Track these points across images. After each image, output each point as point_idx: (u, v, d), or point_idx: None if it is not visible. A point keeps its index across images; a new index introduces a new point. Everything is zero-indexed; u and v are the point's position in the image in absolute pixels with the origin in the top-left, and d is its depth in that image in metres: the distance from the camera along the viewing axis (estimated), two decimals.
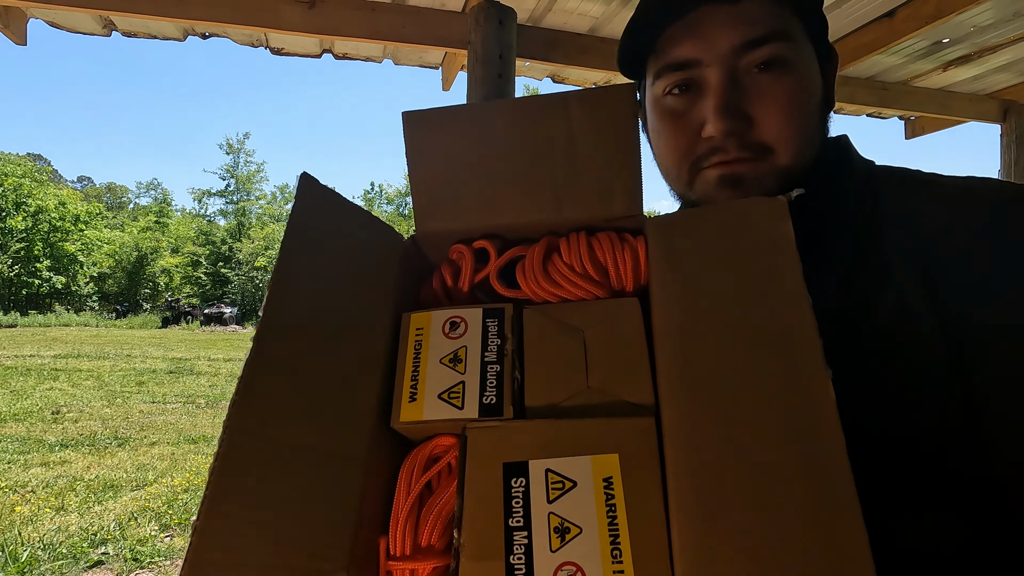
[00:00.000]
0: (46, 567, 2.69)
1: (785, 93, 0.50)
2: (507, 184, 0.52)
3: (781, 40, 0.50)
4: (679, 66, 0.53)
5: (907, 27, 2.46)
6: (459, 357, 0.46)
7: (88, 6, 2.20)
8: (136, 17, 2.29)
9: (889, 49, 2.72)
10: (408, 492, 0.45)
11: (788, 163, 0.51)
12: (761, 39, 0.50)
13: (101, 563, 2.79)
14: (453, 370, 0.46)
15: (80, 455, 5.05)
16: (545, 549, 0.37)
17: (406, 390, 0.46)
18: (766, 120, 0.50)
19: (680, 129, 0.54)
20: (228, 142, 31.98)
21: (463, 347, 0.47)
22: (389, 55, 2.89)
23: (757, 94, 0.50)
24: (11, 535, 3.06)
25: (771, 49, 0.50)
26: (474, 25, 2.35)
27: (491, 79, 2.31)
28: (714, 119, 0.50)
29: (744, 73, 0.51)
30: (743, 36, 0.50)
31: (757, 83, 0.51)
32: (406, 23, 2.42)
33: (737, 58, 0.51)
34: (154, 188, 49.64)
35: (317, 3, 2.33)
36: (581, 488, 0.39)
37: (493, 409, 0.43)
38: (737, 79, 0.51)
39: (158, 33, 2.62)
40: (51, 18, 2.47)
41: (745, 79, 0.51)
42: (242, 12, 2.29)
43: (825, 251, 0.51)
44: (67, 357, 11.60)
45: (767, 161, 0.51)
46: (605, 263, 0.49)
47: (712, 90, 0.51)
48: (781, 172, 0.51)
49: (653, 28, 0.54)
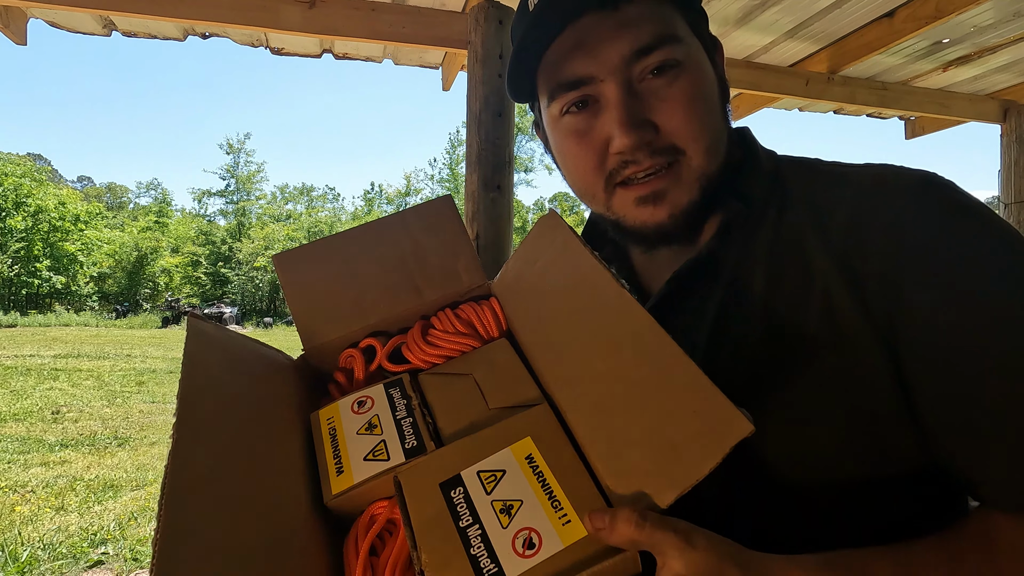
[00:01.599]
0: (46, 567, 2.69)
1: (684, 93, 0.50)
2: (375, 289, 0.62)
3: (669, 43, 0.50)
4: (573, 84, 0.52)
5: (907, 27, 2.46)
6: (373, 424, 0.53)
7: (88, 6, 2.20)
8: (136, 17, 2.29)
9: (889, 49, 2.72)
10: (356, 554, 0.46)
11: (702, 163, 0.51)
12: (649, 46, 0.49)
13: (101, 563, 2.79)
14: (371, 435, 0.52)
15: (80, 455, 5.05)
16: (498, 529, 0.43)
17: (331, 467, 0.51)
18: (671, 123, 0.50)
19: (586, 147, 0.53)
20: (228, 142, 31.98)
21: (375, 415, 0.54)
22: (389, 55, 2.90)
23: (656, 100, 0.50)
24: (11, 535, 3.06)
25: (662, 54, 0.50)
26: (474, 25, 2.35)
27: (491, 79, 2.31)
28: (620, 133, 0.50)
29: (639, 81, 0.50)
30: (631, 45, 0.49)
31: (654, 89, 0.50)
32: (406, 23, 2.42)
33: (629, 68, 0.50)
34: (154, 188, 49.63)
35: (317, 3, 2.33)
36: (510, 472, 0.46)
37: (417, 450, 0.50)
38: (633, 88, 0.50)
39: (158, 33, 2.62)
40: (51, 18, 2.47)
41: (641, 87, 0.50)
42: (242, 12, 2.29)
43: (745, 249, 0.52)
44: (67, 357, 11.60)
45: (681, 164, 0.51)
46: (471, 320, 0.60)
47: (612, 104, 0.50)
48: (698, 175, 0.52)
49: (539, 44, 0.52)
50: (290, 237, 27.10)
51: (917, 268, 0.44)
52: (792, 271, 0.49)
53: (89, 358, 11.56)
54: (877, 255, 0.45)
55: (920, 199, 0.46)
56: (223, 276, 27.21)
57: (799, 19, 2.58)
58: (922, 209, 0.45)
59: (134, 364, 10.99)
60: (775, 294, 0.49)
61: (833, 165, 0.54)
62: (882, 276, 0.45)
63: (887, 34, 2.55)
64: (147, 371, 10.19)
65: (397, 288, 0.62)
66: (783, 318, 0.48)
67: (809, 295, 0.47)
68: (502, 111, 2.31)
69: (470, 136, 2.36)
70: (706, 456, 0.39)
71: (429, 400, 0.55)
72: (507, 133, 2.35)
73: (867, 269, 0.46)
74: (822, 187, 0.51)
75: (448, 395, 0.55)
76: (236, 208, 31.23)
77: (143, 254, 27.06)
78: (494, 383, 0.55)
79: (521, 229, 30.34)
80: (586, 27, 0.50)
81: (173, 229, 32.06)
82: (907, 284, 0.44)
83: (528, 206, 38.58)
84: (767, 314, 0.49)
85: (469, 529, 0.43)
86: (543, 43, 0.52)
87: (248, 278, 26.30)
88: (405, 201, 34.75)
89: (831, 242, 0.48)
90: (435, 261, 0.63)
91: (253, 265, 26.29)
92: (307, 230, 27.84)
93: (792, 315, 0.48)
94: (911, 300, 0.43)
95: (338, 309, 0.61)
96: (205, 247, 28.67)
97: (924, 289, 0.43)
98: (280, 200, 34.77)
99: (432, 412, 0.54)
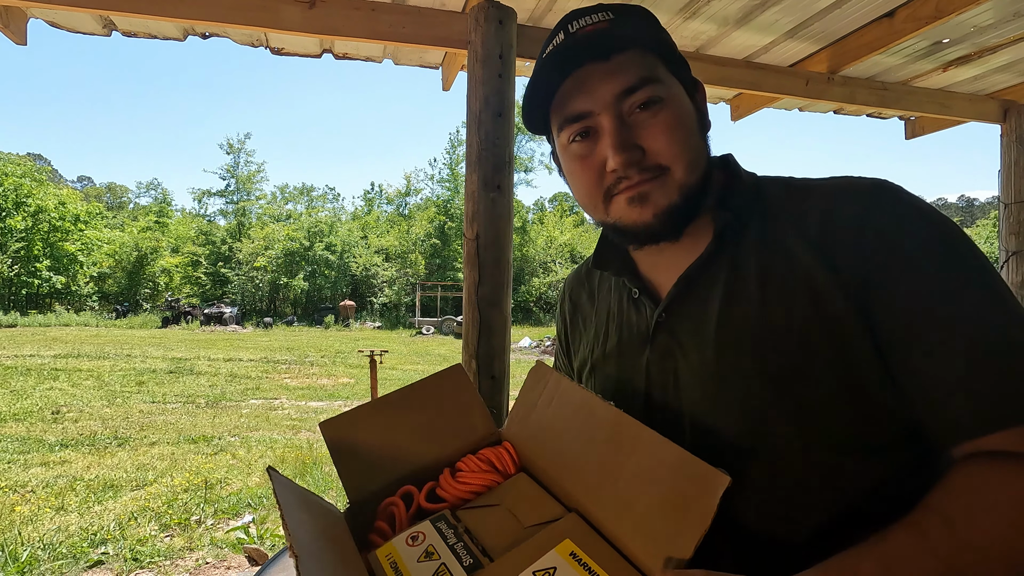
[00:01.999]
0: (46, 567, 2.70)
1: (665, 122, 0.62)
2: (407, 446, 0.76)
3: (651, 83, 0.63)
4: (576, 118, 0.65)
5: (907, 27, 2.46)
6: (430, 551, 0.62)
7: (88, 6, 2.20)
8: (136, 17, 2.29)
9: (889, 49, 2.72)
10: None
11: (683, 176, 0.63)
12: (635, 86, 0.62)
13: (101, 563, 2.79)
14: (431, 561, 0.61)
15: (80, 455, 5.05)
16: None
17: None
18: (655, 145, 0.62)
19: (588, 168, 0.66)
20: (228, 142, 31.92)
21: (429, 544, 0.63)
22: (389, 55, 2.89)
23: (643, 128, 0.63)
24: (11, 535, 3.06)
25: (646, 92, 0.62)
26: (474, 25, 2.35)
27: (491, 79, 2.31)
28: (613, 154, 0.62)
29: (628, 114, 0.63)
30: (621, 86, 0.62)
31: (640, 120, 0.63)
32: (406, 23, 2.42)
33: (620, 103, 0.63)
34: (154, 188, 49.62)
35: (317, 3, 2.33)
36: (561, 568, 0.55)
37: (475, 566, 0.59)
38: (624, 120, 0.63)
39: (158, 33, 2.62)
40: (51, 18, 2.47)
41: (630, 119, 0.63)
42: (242, 12, 2.29)
43: (737, 249, 0.65)
44: (67, 357, 11.60)
45: (666, 177, 0.63)
46: (491, 459, 0.73)
47: (606, 132, 0.63)
48: (680, 185, 0.63)
49: (549, 88, 0.67)
50: (290, 237, 27.04)
51: (878, 250, 0.56)
52: (779, 264, 0.61)
53: (89, 358, 11.56)
54: (846, 244, 0.57)
55: (875, 199, 0.58)
56: (223, 276, 27.16)
57: (799, 19, 2.58)
58: (877, 206, 0.58)
59: (134, 364, 10.99)
60: (767, 283, 0.61)
61: (802, 180, 0.67)
62: (852, 260, 0.57)
63: (887, 34, 2.55)
64: (147, 371, 10.19)
65: (426, 443, 0.76)
66: (776, 302, 0.60)
67: (796, 281, 0.59)
68: (502, 111, 2.31)
69: (470, 136, 2.36)
70: (705, 508, 0.50)
71: (470, 528, 0.65)
72: (507, 133, 2.34)
73: (840, 256, 0.57)
74: (795, 198, 0.64)
75: (486, 522, 0.65)
76: (236, 208, 31.18)
77: (143, 254, 27.03)
78: (523, 507, 0.65)
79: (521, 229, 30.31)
80: (585, 73, 0.64)
81: (173, 229, 32.02)
82: (872, 263, 0.56)
83: (528, 206, 38.57)
84: (763, 298, 0.60)
85: None
86: (553, 87, 0.66)
87: (248, 278, 26.27)
88: (405, 201, 34.67)
89: (809, 239, 0.60)
90: (454, 417, 0.79)
91: (253, 265, 26.25)
92: (307, 230, 27.77)
93: (783, 298, 0.59)
94: (878, 275, 0.55)
95: (376, 466, 0.74)
96: (205, 247, 28.62)
97: (886, 266, 0.55)
98: (280, 200, 34.74)
99: (477, 536, 0.64)
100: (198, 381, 9.41)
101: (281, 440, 5.66)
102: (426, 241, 27.89)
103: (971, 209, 76.21)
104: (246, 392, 8.57)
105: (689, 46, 2.82)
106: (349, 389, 8.96)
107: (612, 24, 0.64)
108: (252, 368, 10.97)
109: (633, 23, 0.66)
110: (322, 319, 23.40)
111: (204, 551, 2.92)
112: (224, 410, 7.25)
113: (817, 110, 3.58)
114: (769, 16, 2.53)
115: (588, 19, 0.65)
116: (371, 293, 26.96)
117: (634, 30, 0.65)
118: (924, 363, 0.52)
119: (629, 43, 0.63)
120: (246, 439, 5.71)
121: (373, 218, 33.65)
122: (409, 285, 26.40)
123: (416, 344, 16.92)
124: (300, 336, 18.76)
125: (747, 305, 0.61)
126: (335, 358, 12.83)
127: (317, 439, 5.74)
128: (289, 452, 5.06)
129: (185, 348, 13.90)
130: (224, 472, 4.46)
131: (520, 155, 32.98)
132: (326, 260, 27.07)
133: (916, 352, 0.53)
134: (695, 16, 2.53)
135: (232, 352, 13.29)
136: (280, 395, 8.42)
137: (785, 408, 0.57)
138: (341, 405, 7.72)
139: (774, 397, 0.57)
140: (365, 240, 29.56)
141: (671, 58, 0.66)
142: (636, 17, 0.67)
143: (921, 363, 0.53)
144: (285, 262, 26.54)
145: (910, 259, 0.55)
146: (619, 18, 0.65)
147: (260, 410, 7.28)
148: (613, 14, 0.65)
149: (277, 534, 3.05)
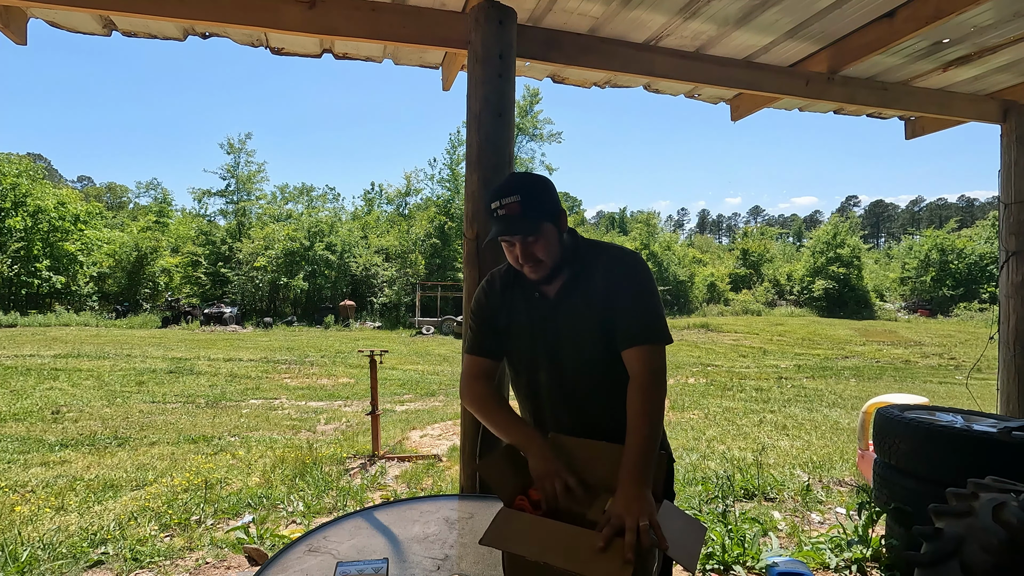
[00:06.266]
0: (46, 567, 2.69)
1: (541, 247, 1.31)
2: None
3: (535, 234, 1.29)
4: (509, 243, 1.32)
5: (907, 27, 2.45)
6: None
7: (88, 6, 2.20)
8: (136, 17, 2.29)
9: (889, 49, 2.72)
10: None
11: (549, 262, 1.33)
12: (528, 240, 1.30)
13: (101, 563, 2.79)
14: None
15: (80, 455, 5.05)
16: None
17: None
18: (537, 254, 1.31)
19: (512, 256, 1.35)
20: (229, 142, 31.83)
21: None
22: (389, 55, 2.89)
23: (532, 249, 1.31)
24: (11, 535, 3.06)
25: (534, 238, 1.30)
26: (474, 25, 2.35)
27: (491, 79, 2.30)
28: (521, 258, 1.33)
29: (525, 245, 1.31)
30: (523, 238, 1.29)
31: (530, 249, 1.31)
32: (406, 23, 2.42)
33: (523, 241, 1.30)
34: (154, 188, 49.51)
35: (317, 3, 2.32)
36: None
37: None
38: (526, 247, 1.31)
39: (158, 33, 2.62)
40: (51, 18, 2.47)
41: (523, 252, 1.31)
42: (242, 12, 2.29)
43: (576, 287, 1.37)
44: (67, 357, 11.59)
45: (545, 263, 1.33)
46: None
47: (518, 249, 1.32)
48: (549, 265, 1.33)
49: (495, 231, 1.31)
50: (290, 237, 27.00)
51: (618, 285, 1.33)
52: (591, 287, 1.35)
53: (89, 358, 11.56)
54: (609, 282, 1.34)
55: (621, 260, 1.37)
56: (223, 276, 27.10)
57: (799, 19, 2.57)
58: (621, 263, 1.36)
59: (134, 364, 10.99)
60: (587, 295, 1.35)
61: (597, 243, 1.42)
62: (610, 289, 1.33)
63: (887, 34, 2.55)
64: (147, 371, 10.19)
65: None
66: (592, 304, 1.34)
67: (597, 295, 1.34)
68: (502, 111, 2.31)
69: (470, 136, 2.36)
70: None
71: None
72: (507, 133, 2.34)
73: (609, 287, 1.33)
74: (596, 255, 1.38)
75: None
76: (236, 208, 31.14)
77: (143, 254, 26.96)
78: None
79: None
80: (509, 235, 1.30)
81: (173, 229, 31.96)
82: (616, 290, 1.33)
83: None
84: (587, 301, 1.35)
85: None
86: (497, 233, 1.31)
87: (248, 278, 26.22)
88: (405, 201, 34.64)
89: (598, 278, 1.35)
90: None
91: (253, 265, 26.21)
92: (307, 230, 27.72)
93: (594, 301, 1.34)
94: (616, 296, 1.32)
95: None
96: (205, 247, 28.55)
97: (619, 292, 1.33)
98: (280, 200, 34.70)
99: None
100: (198, 381, 9.41)
101: (281, 440, 5.66)
102: (426, 241, 27.84)
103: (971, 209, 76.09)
104: (246, 392, 8.57)
105: (689, 46, 2.82)
106: (349, 389, 8.96)
107: (522, 207, 1.27)
108: (252, 368, 10.97)
109: (535, 204, 1.29)
110: (322, 319, 23.38)
111: (204, 551, 2.92)
112: (224, 410, 7.24)
113: (817, 110, 3.57)
114: (769, 16, 2.53)
115: (506, 200, 1.27)
116: (371, 293, 26.91)
117: (536, 211, 1.28)
118: (621, 323, 1.31)
119: (531, 229, 1.28)
120: (246, 439, 5.71)
121: (373, 218, 33.59)
122: (409, 285, 26.34)
123: (416, 344, 16.91)
124: (300, 336, 18.74)
125: (582, 305, 1.35)
126: (335, 358, 12.83)
127: (317, 439, 5.75)
128: (289, 452, 5.06)
129: (185, 348, 13.89)
130: (224, 472, 4.46)
131: (520, 155, 32.96)
132: (326, 260, 27.01)
133: (620, 321, 1.31)
134: (695, 16, 2.53)
135: (232, 352, 13.28)
136: (280, 395, 8.42)
137: (597, 344, 1.34)
138: (341, 405, 7.71)
139: (595, 340, 1.34)
140: (365, 240, 29.49)
141: (549, 212, 1.31)
142: (536, 193, 1.31)
143: (620, 323, 1.31)
144: (285, 262, 26.48)
145: (628, 290, 1.33)
146: (525, 200, 1.27)
147: (260, 410, 7.28)
148: (522, 196, 1.27)
149: (277, 534, 3.05)
